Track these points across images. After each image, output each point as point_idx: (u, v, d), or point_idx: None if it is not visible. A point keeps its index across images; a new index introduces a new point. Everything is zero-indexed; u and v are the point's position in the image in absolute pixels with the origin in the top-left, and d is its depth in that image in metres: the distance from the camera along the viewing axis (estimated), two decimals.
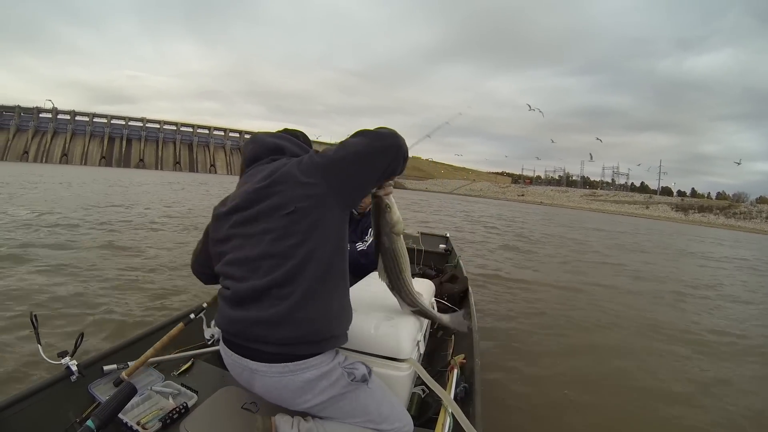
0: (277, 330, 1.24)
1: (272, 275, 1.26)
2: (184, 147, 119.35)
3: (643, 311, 6.00)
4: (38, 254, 5.59)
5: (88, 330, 3.02)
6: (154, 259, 5.98)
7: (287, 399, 1.31)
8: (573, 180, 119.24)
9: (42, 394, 1.53)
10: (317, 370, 1.28)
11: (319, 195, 1.29)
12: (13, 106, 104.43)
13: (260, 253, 1.29)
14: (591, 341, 4.53)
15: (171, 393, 1.70)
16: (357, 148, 1.32)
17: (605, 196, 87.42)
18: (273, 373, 1.27)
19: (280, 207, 1.29)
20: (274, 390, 1.30)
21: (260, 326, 1.25)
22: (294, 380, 1.27)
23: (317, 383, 1.28)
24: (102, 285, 4.22)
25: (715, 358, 4.31)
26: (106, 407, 1.30)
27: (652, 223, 46.81)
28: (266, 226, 1.30)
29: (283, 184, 1.31)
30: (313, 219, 1.28)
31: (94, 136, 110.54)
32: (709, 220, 62.27)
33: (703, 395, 3.43)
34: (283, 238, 1.27)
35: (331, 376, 1.30)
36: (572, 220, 30.33)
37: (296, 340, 1.25)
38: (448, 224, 16.39)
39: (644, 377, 3.70)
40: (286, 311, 1.23)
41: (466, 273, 3.85)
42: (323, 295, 1.29)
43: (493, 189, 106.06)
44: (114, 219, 10.07)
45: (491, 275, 7.48)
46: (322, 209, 1.30)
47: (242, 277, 1.31)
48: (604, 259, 11.23)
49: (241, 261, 1.33)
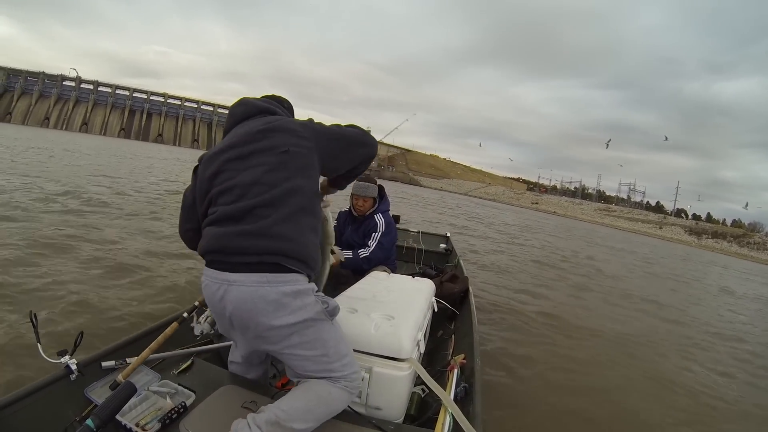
0: (258, 240, 1.36)
1: (260, 197, 1.40)
2: (203, 125, 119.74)
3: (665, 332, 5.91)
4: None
5: (88, 329, 3.00)
6: (154, 255, 5.87)
7: (261, 312, 1.36)
8: (588, 193, 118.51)
9: (41, 392, 1.52)
10: (293, 286, 1.38)
11: (309, 147, 1.51)
12: (37, 72, 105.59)
13: (252, 180, 1.43)
14: (592, 342, 4.54)
15: (168, 392, 1.68)
16: (350, 135, 1.62)
17: (619, 212, 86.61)
18: (251, 282, 1.36)
19: (275, 147, 1.47)
20: (249, 301, 1.36)
21: (243, 237, 1.37)
22: (270, 291, 1.35)
23: (292, 300, 1.37)
24: (102, 285, 4.21)
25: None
26: (106, 406, 1.31)
27: (665, 244, 46.38)
28: (260, 160, 1.45)
29: (279, 131, 1.50)
30: (302, 163, 1.48)
31: (115, 107, 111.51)
32: (722, 247, 61.34)
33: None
34: (275, 171, 1.43)
35: (305, 297, 1.40)
36: (585, 234, 30.14)
37: (274, 250, 1.37)
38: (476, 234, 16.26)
39: (645, 377, 3.73)
40: (267, 225, 1.37)
41: (466, 273, 3.85)
42: (299, 224, 1.43)
43: (508, 194, 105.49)
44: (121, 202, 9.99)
45: (493, 274, 7.50)
46: (310, 159, 1.51)
47: (231, 201, 1.44)
48: (607, 268, 11.10)
49: (232, 188, 1.45)
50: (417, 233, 5.47)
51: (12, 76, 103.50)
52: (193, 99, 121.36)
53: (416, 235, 5.36)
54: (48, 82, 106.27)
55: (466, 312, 2.93)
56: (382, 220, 3.25)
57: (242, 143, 1.50)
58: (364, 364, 1.69)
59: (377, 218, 3.24)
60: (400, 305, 2.06)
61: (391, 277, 2.70)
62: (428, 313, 2.35)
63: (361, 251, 3.15)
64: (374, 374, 1.69)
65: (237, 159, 1.48)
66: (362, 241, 3.23)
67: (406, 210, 19.04)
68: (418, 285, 2.54)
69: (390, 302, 2.09)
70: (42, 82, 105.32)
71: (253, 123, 1.57)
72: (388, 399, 1.71)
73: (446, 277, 3.41)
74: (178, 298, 3.93)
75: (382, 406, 1.71)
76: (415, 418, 1.84)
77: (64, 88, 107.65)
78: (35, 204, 7.10)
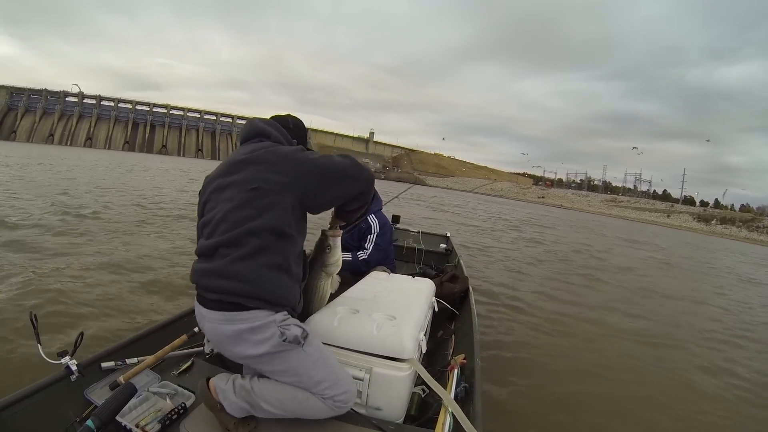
0: (218, 280, 1.43)
1: (224, 236, 1.45)
2: (206, 135, 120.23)
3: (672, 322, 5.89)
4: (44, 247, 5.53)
5: (88, 329, 3.02)
6: (156, 255, 5.89)
7: (225, 346, 1.49)
8: (594, 184, 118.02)
9: (42, 393, 1.53)
10: (248, 323, 1.42)
11: (283, 184, 1.47)
12: (40, 89, 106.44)
13: (220, 218, 1.48)
14: (593, 343, 4.50)
15: (168, 393, 1.70)
16: (337, 168, 1.52)
17: (626, 203, 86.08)
18: (213, 319, 1.45)
19: (246, 182, 1.47)
20: (215, 335, 1.48)
21: (207, 276, 1.46)
22: (227, 329, 1.43)
23: (249, 336, 1.42)
24: (102, 283, 4.24)
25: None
26: (106, 407, 1.33)
27: (674, 232, 46.03)
28: (231, 194, 1.49)
29: (256, 164, 1.50)
30: (270, 201, 1.46)
31: (118, 121, 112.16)
32: (731, 233, 60.75)
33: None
34: (240, 209, 1.46)
35: (263, 332, 1.42)
36: (592, 227, 29.96)
37: (231, 290, 1.41)
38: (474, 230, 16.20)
39: (646, 377, 3.69)
40: (224, 265, 1.42)
41: (466, 273, 3.84)
42: (257, 263, 1.43)
43: (514, 189, 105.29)
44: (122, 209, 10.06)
45: (496, 272, 7.47)
46: (281, 197, 1.47)
47: (207, 236, 1.52)
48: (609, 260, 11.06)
49: (208, 222, 1.53)
50: (417, 233, 5.47)
51: (15, 95, 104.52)
52: (195, 109, 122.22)
53: (416, 235, 5.36)
54: (51, 98, 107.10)
55: (467, 312, 2.92)
56: (375, 221, 3.22)
57: (225, 173, 1.56)
58: (364, 365, 1.69)
59: (370, 219, 3.22)
60: (401, 305, 2.05)
61: (391, 277, 2.69)
62: (429, 313, 2.34)
63: (359, 253, 3.14)
64: (374, 375, 1.69)
65: (218, 190, 1.55)
66: (358, 244, 3.22)
67: (419, 212, 18.92)
68: (418, 285, 2.53)
69: (391, 302, 2.08)
70: (45, 99, 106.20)
71: (243, 149, 1.61)
72: (388, 399, 1.71)
73: (446, 277, 3.41)
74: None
75: (383, 406, 1.70)
76: (416, 418, 1.84)
77: (67, 104, 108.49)
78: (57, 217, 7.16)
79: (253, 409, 1.46)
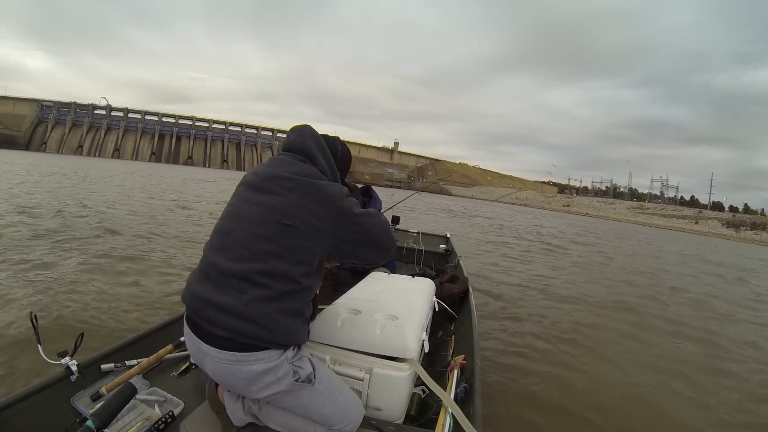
0: (229, 319, 1.29)
1: (239, 265, 1.32)
2: (231, 146, 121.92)
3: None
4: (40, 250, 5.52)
5: (89, 330, 3.02)
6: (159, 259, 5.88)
7: (235, 387, 1.39)
8: (620, 192, 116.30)
9: (42, 393, 1.55)
10: (264, 364, 1.32)
11: (321, 231, 1.37)
12: (69, 102, 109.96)
13: (241, 240, 1.35)
14: (593, 343, 4.44)
15: (157, 401, 1.67)
16: (371, 235, 1.46)
17: (652, 209, 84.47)
18: (222, 359, 1.32)
19: (282, 213, 1.34)
20: (223, 376, 1.36)
21: (216, 310, 1.30)
22: (241, 370, 1.32)
23: (263, 377, 1.33)
24: (102, 283, 4.30)
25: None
26: (107, 407, 1.30)
27: (702, 239, 44.88)
28: (259, 216, 1.36)
29: (297, 194, 1.37)
30: (302, 245, 1.35)
31: (145, 132, 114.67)
32: (762, 239, 58.98)
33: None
34: (266, 241, 1.33)
35: (277, 371, 1.34)
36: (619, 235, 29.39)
37: (245, 333, 1.29)
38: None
39: (646, 377, 3.66)
40: (240, 305, 1.29)
41: (466, 273, 3.81)
42: (278, 308, 1.33)
43: (539, 198, 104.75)
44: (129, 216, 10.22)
45: (496, 274, 7.40)
46: (313, 243, 1.37)
47: (218, 248, 1.39)
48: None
49: (225, 232, 1.40)
50: (417, 234, 5.48)
51: (45, 108, 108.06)
52: (220, 120, 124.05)
53: (416, 236, 5.37)
54: (80, 111, 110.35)
55: (466, 313, 2.90)
56: None
57: (259, 186, 1.42)
58: (364, 365, 1.69)
59: None
60: (402, 305, 2.04)
61: (391, 278, 2.68)
62: (430, 313, 2.33)
63: None
64: (374, 375, 1.68)
65: (247, 202, 1.42)
66: None
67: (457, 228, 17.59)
68: (418, 285, 2.52)
69: (392, 303, 2.08)
70: (74, 111, 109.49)
71: (285, 163, 1.48)
72: (388, 400, 1.70)
73: (446, 278, 3.40)
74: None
75: (383, 406, 1.70)
76: (416, 418, 1.82)
77: (95, 116, 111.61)
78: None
79: (258, 422, 1.48)
